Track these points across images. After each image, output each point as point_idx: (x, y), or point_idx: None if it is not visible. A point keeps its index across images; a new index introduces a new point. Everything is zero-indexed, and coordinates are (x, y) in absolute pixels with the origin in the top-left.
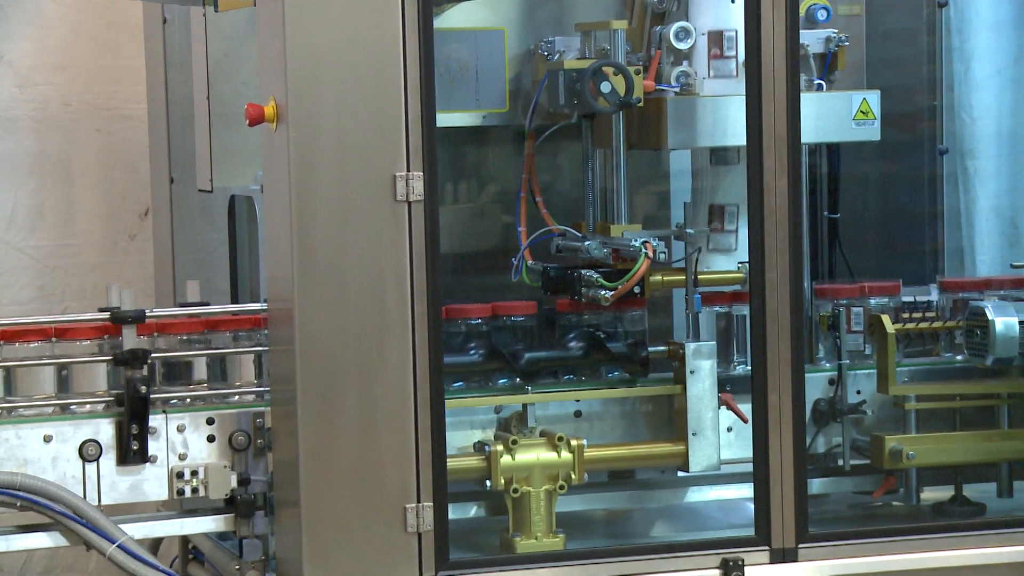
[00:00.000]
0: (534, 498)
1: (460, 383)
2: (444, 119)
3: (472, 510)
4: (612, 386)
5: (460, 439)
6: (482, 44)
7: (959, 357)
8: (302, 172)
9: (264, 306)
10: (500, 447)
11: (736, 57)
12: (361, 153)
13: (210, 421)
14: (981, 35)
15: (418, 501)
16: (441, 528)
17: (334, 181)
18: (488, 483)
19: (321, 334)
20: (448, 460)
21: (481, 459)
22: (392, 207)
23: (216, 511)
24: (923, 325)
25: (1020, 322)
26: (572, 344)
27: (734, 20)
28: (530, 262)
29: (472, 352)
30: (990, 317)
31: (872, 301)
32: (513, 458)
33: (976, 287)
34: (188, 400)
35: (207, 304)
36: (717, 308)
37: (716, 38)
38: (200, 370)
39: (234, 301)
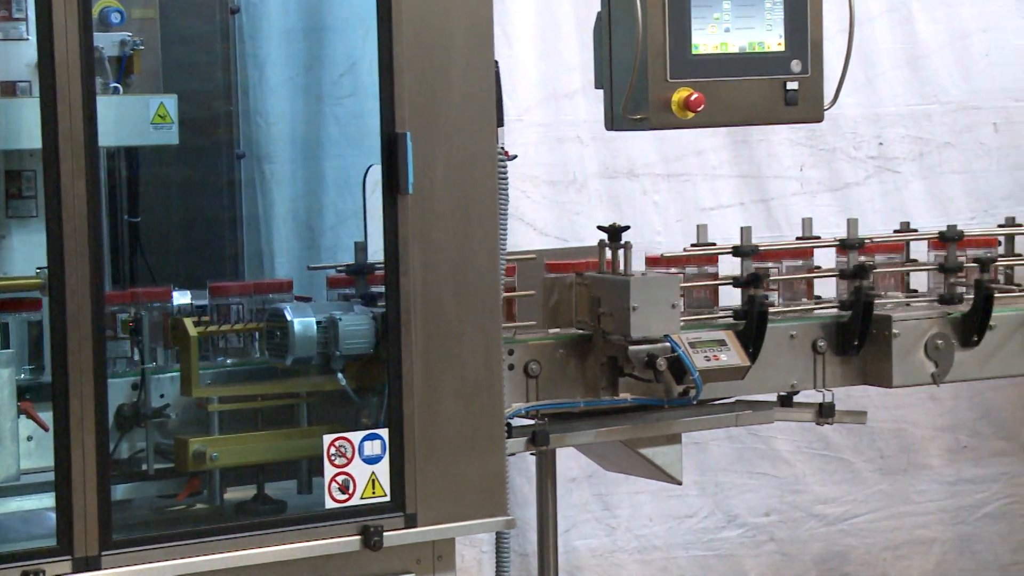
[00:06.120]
0: None
1: None
2: None
3: None
4: None
5: None
6: None
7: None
8: None
9: None
10: None
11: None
12: None
13: None
14: (273, 42)
15: None
16: None
17: None
18: None
19: None
20: None
21: None
22: None
23: None
24: (225, 327)
25: (317, 322)
26: None
27: None
28: None
29: None
30: (289, 318)
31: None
32: None
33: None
34: None
35: None
36: (26, 315)
37: None
38: None
39: None
